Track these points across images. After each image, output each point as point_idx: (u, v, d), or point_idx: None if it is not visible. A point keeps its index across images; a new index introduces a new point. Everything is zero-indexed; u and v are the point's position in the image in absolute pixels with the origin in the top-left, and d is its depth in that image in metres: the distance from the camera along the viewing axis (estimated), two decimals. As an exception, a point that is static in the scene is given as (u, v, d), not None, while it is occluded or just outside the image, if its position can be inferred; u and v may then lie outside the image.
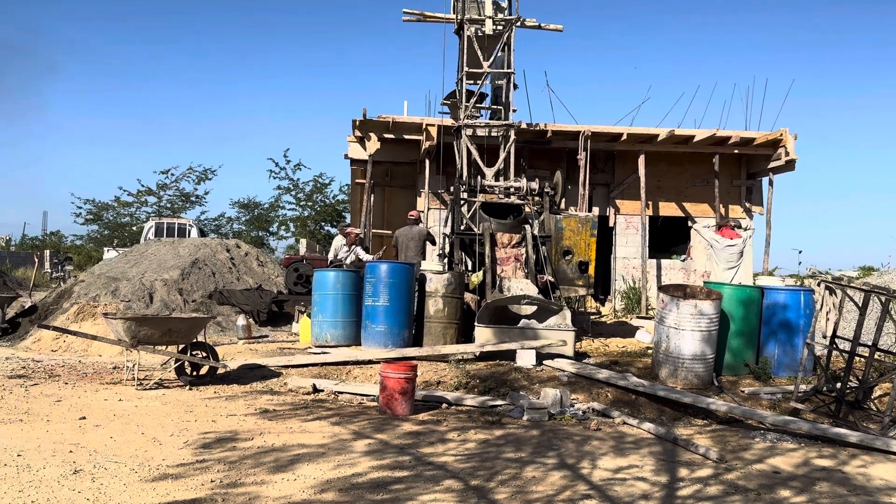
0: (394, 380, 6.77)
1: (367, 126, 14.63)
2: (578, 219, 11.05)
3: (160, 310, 11.78)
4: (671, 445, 6.04)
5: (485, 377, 8.03)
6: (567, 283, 10.90)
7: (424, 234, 11.62)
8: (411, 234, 11.50)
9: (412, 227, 11.62)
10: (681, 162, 15.83)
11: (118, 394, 7.37)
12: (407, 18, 12.62)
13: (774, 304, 8.62)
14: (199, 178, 32.45)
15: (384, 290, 9.30)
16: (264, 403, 7.08)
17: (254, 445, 5.49)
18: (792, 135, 14.71)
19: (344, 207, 31.62)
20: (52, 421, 6.09)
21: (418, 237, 11.48)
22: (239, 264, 14.14)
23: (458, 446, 5.73)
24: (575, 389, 7.70)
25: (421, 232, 11.59)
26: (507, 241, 10.80)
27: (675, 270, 15.96)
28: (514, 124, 12.48)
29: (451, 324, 9.46)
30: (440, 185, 15.09)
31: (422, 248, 11.49)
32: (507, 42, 12.19)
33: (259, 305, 12.43)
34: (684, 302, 8.04)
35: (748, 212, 16.06)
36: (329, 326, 9.70)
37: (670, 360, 8.05)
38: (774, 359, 8.51)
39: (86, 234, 34.49)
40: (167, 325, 7.95)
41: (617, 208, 15.89)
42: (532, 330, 9.06)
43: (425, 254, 11.60)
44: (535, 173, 13.77)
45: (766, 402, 7.59)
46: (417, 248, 11.41)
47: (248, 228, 33.80)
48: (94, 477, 4.58)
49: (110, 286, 12.35)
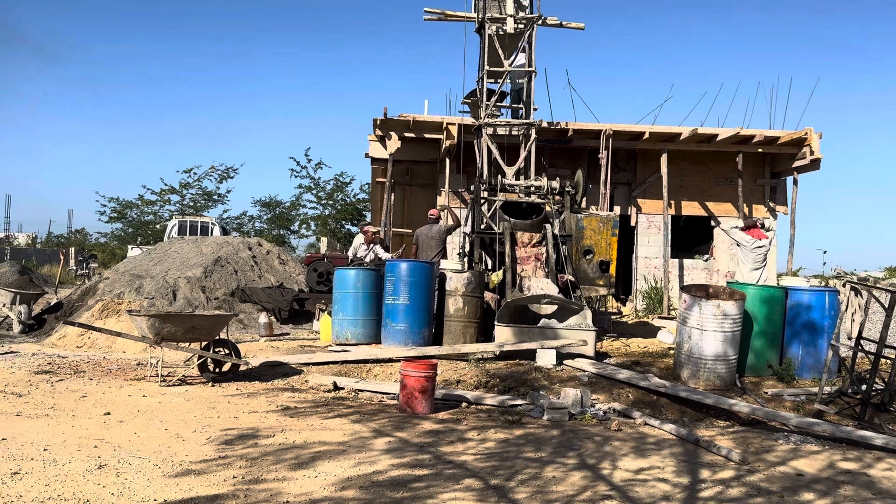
0: (414, 378, 6.78)
1: (388, 125, 14.67)
2: (600, 218, 11.00)
3: (183, 307, 11.91)
4: (693, 447, 5.99)
5: (504, 376, 8.02)
6: (588, 282, 10.85)
7: (444, 231, 11.63)
8: (431, 233, 11.52)
9: (432, 227, 11.63)
10: (703, 161, 15.68)
11: (142, 390, 7.46)
12: (428, 17, 12.63)
13: (798, 304, 8.52)
14: (222, 176, 32.77)
15: (404, 288, 9.32)
16: (285, 400, 7.14)
17: (275, 442, 5.54)
18: (817, 133, 14.51)
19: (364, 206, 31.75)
20: (78, 416, 6.19)
21: (438, 236, 11.49)
22: (261, 262, 14.25)
23: (478, 445, 5.73)
24: (595, 390, 7.66)
25: (440, 230, 11.60)
26: (527, 240, 10.77)
27: (698, 270, 15.82)
28: (535, 123, 12.44)
29: (471, 323, 9.46)
30: (460, 183, 15.08)
31: (442, 246, 11.50)
32: (528, 40, 12.15)
33: (280, 303, 12.51)
34: (707, 302, 7.97)
35: (772, 211, 15.87)
36: (349, 325, 9.75)
37: (692, 361, 7.99)
38: (798, 360, 8.41)
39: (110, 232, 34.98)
40: (190, 323, 8.04)
41: (639, 207, 15.79)
42: (552, 329, 9.03)
43: (446, 253, 11.60)
44: (555, 172, 13.72)
45: (789, 404, 7.50)
46: (438, 247, 11.42)
47: (270, 227, 34.06)
48: (119, 472, 4.65)
49: (134, 283, 12.51)
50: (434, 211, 12.14)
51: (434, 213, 12.04)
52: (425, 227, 11.71)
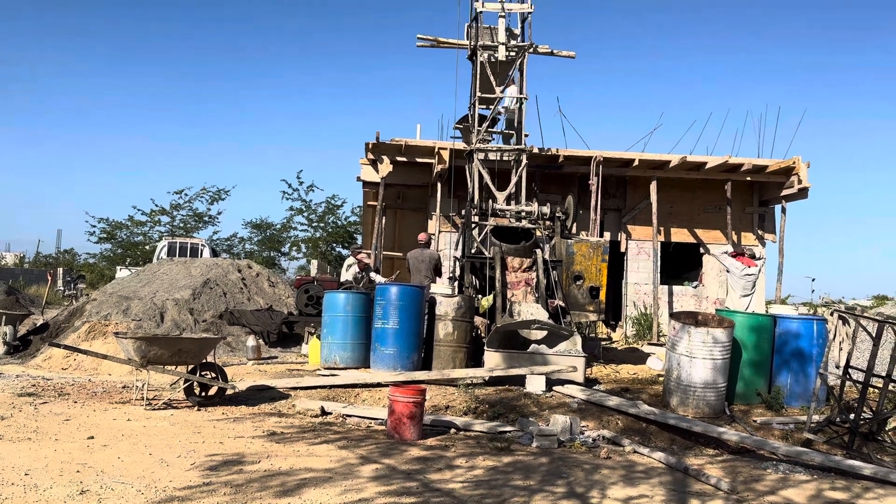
0: (402, 404, 6.74)
1: (380, 149, 14.72)
2: (590, 244, 11.04)
3: (171, 329, 11.82)
4: (682, 475, 5.96)
5: (494, 402, 7.98)
6: (578, 308, 10.86)
7: (436, 258, 11.65)
8: (422, 256, 11.54)
9: (423, 250, 11.66)
10: (693, 188, 15.80)
11: (127, 413, 7.37)
12: (421, 44, 12.77)
13: (787, 332, 8.55)
14: (213, 198, 32.66)
15: (394, 312, 9.30)
16: (272, 426, 7.06)
17: (260, 468, 5.47)
18: (805, 163, 14.65)
19: (356, 229, 31.72)
20: (61, 440, 6.10)
21: (429, 260, 11.51)
22: (250, 285, 14.18)
23: (466, 473, 5.68)
24: (585, 416, 7.63)
25: (432, 256, 11.62)
26: (517, 265, 10.79)
27: (687, 297, 15.87)
28: (526, 149, 12.53)
29: (461, 347, 9.43)
30: (452, 208, 15.12)
31: (432, 270, 11.51)
32: (519, 68, 12.28)
33: (269, 326, 12.44)
34: (696, 329, 7.98)
35: (761, 239, 15.97)
36: (338, 348, 9.70)
37: (681, 388, 7.98)
38: (787, 388, 8.41)
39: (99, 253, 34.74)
40: (177, 346, 7.97)
41: (628, 234, 15.85)
42: (542, 355, 9.01)
43: (435, 276, 11.60)
44: (546, 198, 13.77)
45: (778, 433, 7.49)
46: (428, 271, 11.44)
47: (260, 249, 33.93)
48: (101, 498, 4.57)
49: (122, 305, 12.41)
50: (423, 235, 12.16)
51: (423, 237, 12.06)
52: (416, 250, 11.73)
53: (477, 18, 12.29)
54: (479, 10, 12.19)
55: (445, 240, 15.03)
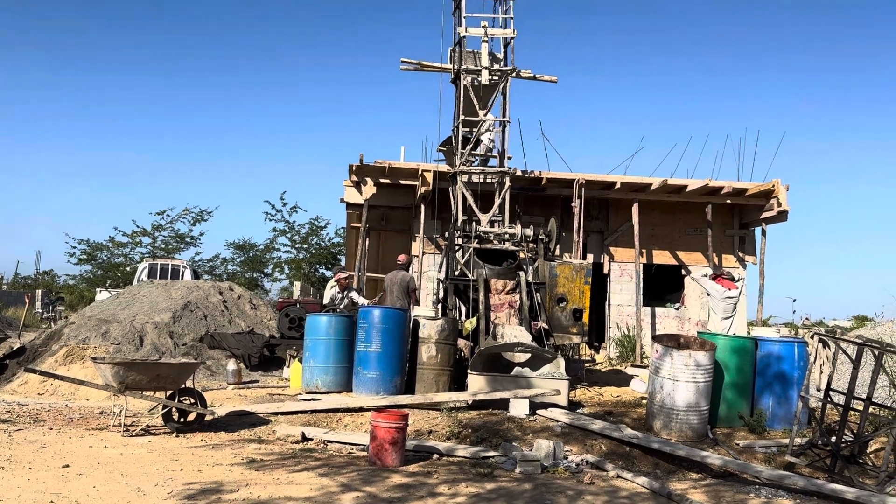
0: (384, 429, 6.67)
1: (364, 171, 14.74)
2: (573, 266, 11.06)
3: (150, 353, 11.66)
4: (666, 500, 5.93)
5: (477, 427, 7.92)
6: (561, 330, 10.86)
7: (407, 280, 11.64)
8: (395, 278, 11.59)
9: (397, 272, 11.69)
10: (674, 211, 15.93)
11: (104, 440, 7.23)
12: (405, 67, 12.84)
13: (769, 355, 8.58)
14: (195, 219, 32.48)
15: (377, 335, 9.24)
16: (251, 452, 6.96)
17: (239, 497, 5.37)
18: (784, 186, 14.84)
19: (339, 251, 31.64)
20: (35, 469, 5.96)
21: (400, 282, 11.53)
22: (231, 307, 14.06)
23: (449, 500, 5.62)
24: (569, 440, 7.59)
25: (404, 278, 11.63)
26: (501, 287, 10.78)
27: (670, 318, 15.93)
28: (509, 171, 12.59)
29: (444, 371, 9.37)
30: (435, 230, 15.13)
31: (403, 292, 11.51)
32: (502, 91, 12.37)
33: (250, 349, 12.32)
34: (678, 352, 8.00)
35: (741, 261, 16.11)
36: (320, 372, 9.61)
37: (665, 412, 7.97)
38: (769, 411, 8.43)
39: (79, 274, 34.35)
40: (156, 371, 7.86)
41: (611, 256, 15.93)
42: (525, 378, 8.98)
43: (405, 299, 11.55)
44: (529, 220, 13.82)
45: (760, 456, 7.50)
46: (400, 293, 11.46)
47: (243, 270, 33.69)
48: (74, 529, 4.46)
49: (101, 328, 12.25)
50: (403, 256, 12.14)
51: (402, 258, 12.05)
52: (392, 272, 11.75)
53: (460, 43, 12.39)
54: (463, 34, 12.29)
55: (429, 262, 15.02)
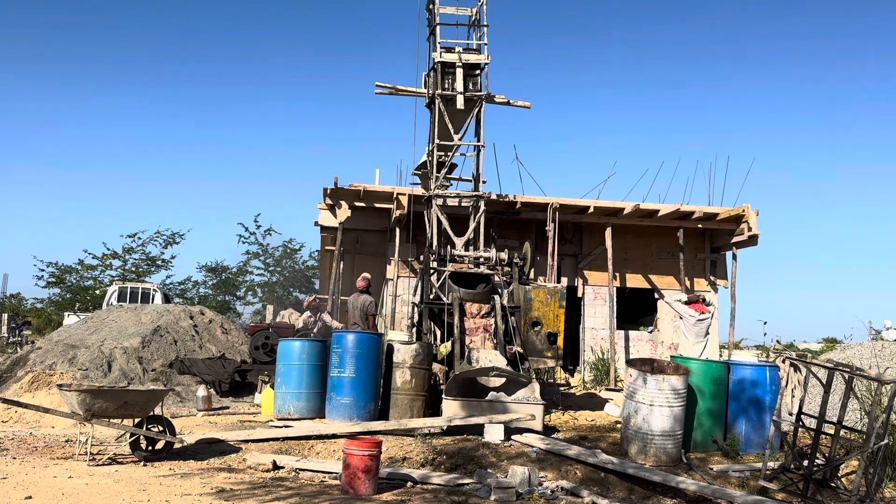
0: (357, 457, 6.57)
1: (339, 194, 14.69)
2: (547, 289, 11.08)
3: (118, 379, 11.42)
4: (641, 527, 5.90)
5: (452, 453, 7.84)
6: (536, 354, 10.84)
7: (367, 305, 11.63)
8: (356, 302, 11.62)
9: (358, 296, 11.68)
10: (647, 235, 16.09)
11: (69, 470, 7.03)
12: (379, 91, 12.86)
13: (742, 379, 8.64)
14: (167, 242, 32.09)
15: (350, 360, 9.14)
16: (221, 482, 6.81)
17: (208, 529, 5.24)
18: (754, 211, 15.06)
19: (313, 273, 31.45)
20: (-5, 501, 5.77)
21: (361, 306, 11.54)
22: (202, 332, 13.86)
23: (423, 529, 5.53)
24: (544, 466, 7.55)
25: (364, 302, 11.61)
26: (476, 310, 10.76)
27: (643, 342, 16.02)
28: (483, 195, 12.62)
29: (419, 396, 9.29)
30: (410, 253, 15.09)
31: (361, 317, 11.51)
32: (476, 116, 12.44)
33: (221, 375, 12.13)
34: (653, 377, 8.02)
35: (713, 285, 16.28)
36: (293, 398, 9.47)
37: (639, 437, 7.97)
38: (742, 435, 8.46)
39: (47, 298, 33.65)
40: (123, 398, 7.68)
41: (585, 279, 16.01)
42: (501, 403, 8.94)
43: (365, 323, 11.52)
44: (504, 243, 13.87)
45: (735, 481, 7.51)
46: (361, 316, 11.46)
47: (215, 293, 33.29)
48: (35, 566, 4.31)
49: (68, 354, 11.98)
50: (361, 281, 12.03)
51: (361, 283, 11.96)
52: (353, 295, 11.75)
53: (435, 68, 12.46)
54: (438, 59, 12.37)
55: (404, 285, 14.96)
